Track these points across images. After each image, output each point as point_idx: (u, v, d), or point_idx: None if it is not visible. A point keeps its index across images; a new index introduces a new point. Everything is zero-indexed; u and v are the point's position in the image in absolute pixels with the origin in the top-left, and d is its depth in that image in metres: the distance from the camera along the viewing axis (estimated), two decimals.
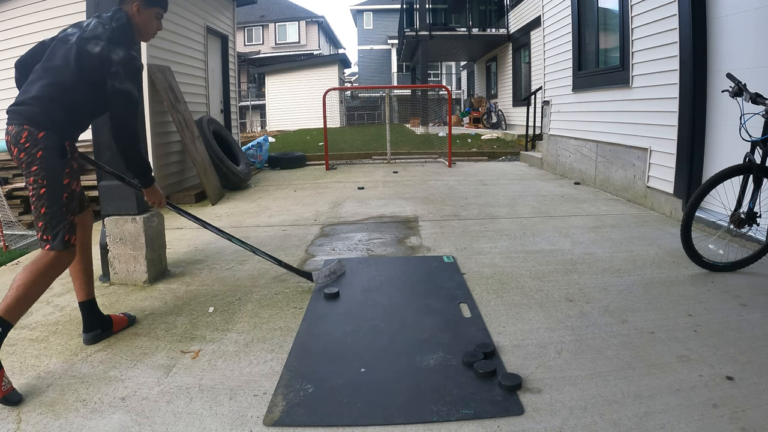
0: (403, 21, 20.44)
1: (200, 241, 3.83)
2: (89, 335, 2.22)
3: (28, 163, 1.92)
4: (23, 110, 1.94)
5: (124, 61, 2.01)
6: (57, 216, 1.95)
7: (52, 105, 1.96)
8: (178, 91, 5.68)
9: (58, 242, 1.95)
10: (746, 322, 2.26)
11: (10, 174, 5.28)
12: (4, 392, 1.76)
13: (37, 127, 1.92)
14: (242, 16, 25.33)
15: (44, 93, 1.96)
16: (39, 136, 1.91)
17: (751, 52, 3.37)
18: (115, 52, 2.00)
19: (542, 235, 3.76)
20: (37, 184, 1.93)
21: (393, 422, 1.62)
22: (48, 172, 1.93)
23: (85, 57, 2.00)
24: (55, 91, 1.97)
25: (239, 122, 10.42)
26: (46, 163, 1.92)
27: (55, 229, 1.95)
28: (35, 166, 1.91)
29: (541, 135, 7.92)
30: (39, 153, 1.91)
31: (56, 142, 1.95)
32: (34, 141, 1.91)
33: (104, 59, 1.99)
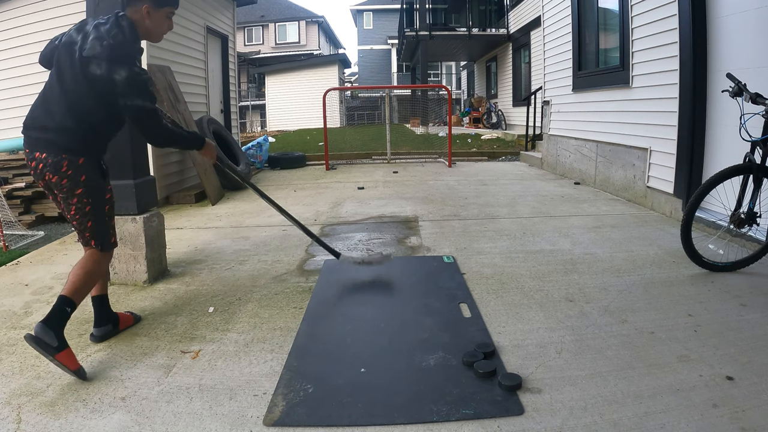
0: (403, 21, 20.42)
1: (200, 241, 3.83)
2: (101, 330, 2.26)
3: (70, 187, 2.03)
4: (55, 139, 1.98)
5: (128, 80, 1.99)
6: (103, 226, 2.14)
7: (81, 131, 2.02)
8: (178, 91, 5.68)
9: (107, 245, 2.17)
10: (746, 322, 2.26)
11: (10, 174, 5.28)
12: (77, 365, 1.91)
13: (75, 154, 2.00)
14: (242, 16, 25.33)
15: (71, 122, 1.99)
16: (80, 162, 2.01)
17: (751, 52, 3.37)
18: (117, 73, 1.97)
19: (542, 235, 3.76)
20: (82, 203, 2.07)
21: (393, 422, 1.62)
22: (93, 193, 2.08)
23: (92, 80, 1.99)
24: (79, 116, 2.01)
25: (239, 122, 10.42)
26: (91, 185, 2.06)
27: (102, 236, 2.14)
28: (80, 189, 2.04)
29: (541, 135, 7.92)
30: (83, 177, 2.03)
31: (95, 164, 2.08)
32: (76, 168, 2.00)
33: (109, 81, 1.98)
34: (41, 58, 2.17)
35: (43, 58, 2.15)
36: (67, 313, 1.95)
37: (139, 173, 2.96)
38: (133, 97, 2.00)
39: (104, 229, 2.14)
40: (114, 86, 1.98)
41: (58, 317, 1.91)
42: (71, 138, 2.00)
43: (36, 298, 2.78)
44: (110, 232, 2.18)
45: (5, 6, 5.69)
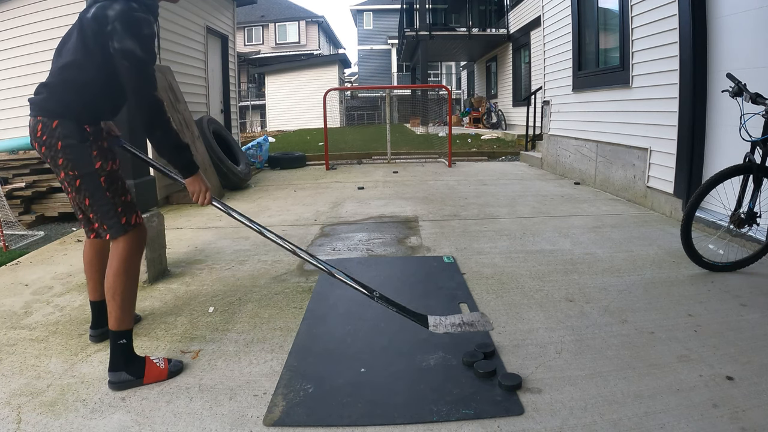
0: (403, 21, 20.43)
1: (200, 241, 3.83)
2: (97, 332, 2.21)
3: (52, 157, 1.81)
4: (36, 100, 1.82)
5: (121, 14, 1.73)
6: (103, 203, 1.85)
7: (62, 89, 1.80)
8: (178, 91, 5.68)
9: (117, 228, 1.87)
10: (746, 322, 2.26)
11: (10, 174, 5.28)
12: (165, 369, 1.88)
13: (49, 116, 1.79)
14: (242, 16, 25.34)
15: (55, 78, 1.82)
16: (53, 125, 1.78)
17: (751, 52, 3.37)
18: (111, 8, 1.75)
19: (542, 235, 3.76)
20: (69, 176, 1.82)
21: (393, 422, 1.62)
22: (75, 161, 1.80)
23: (85, 25, 1.78)
24: (64, 72, 1.81)
25: (239, 122, 10.42)
26: (69, 152, 1.79)
27: (108, 216, 1.86)
28: (60, 158, 1.79)
29: (541, 135, 7.92)
30: (59, 144, 1.78)
31: (73, 128, 1.80)
32: (50, 132, 1.78)
33: (101, 19, 1.75)
34: None
35: None
36: (125, 346, 1.85)
37: (139, 173, 2.96)
38: (123, 36, 1.72)
39: (106, 206, 1.85)
40: (106, 22, 1.74)
41: (120, 355, 1.84)
42: (48, 97, 1.80)
43: (36, 298, 2.78)
44: (119, 210, 1.87)
45: (5, 6, 5.69)
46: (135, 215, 1.93)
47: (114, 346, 1.86)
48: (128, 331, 1.88)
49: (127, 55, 1.74)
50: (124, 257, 1.88)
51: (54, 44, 2.01)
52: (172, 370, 1.91)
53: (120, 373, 1.82)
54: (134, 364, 1.86)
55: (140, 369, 1.85)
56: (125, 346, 1.87)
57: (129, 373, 1.83)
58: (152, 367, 1.87)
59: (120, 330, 1.86)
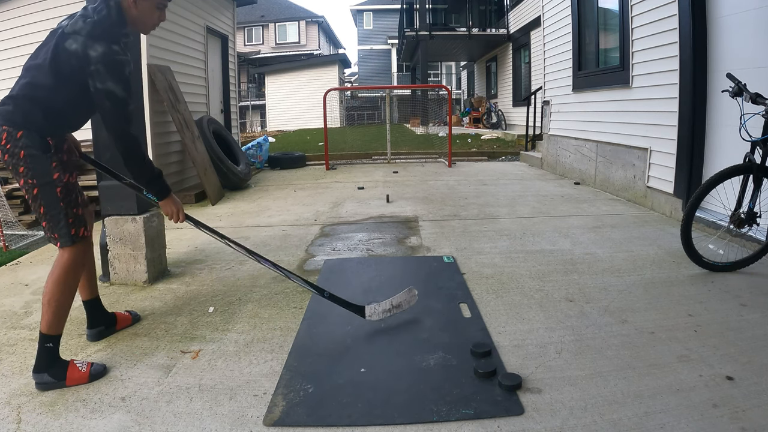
0: (403, 21, 20.43)
1: (200, 241, 3.83)
2: (93, 332, 2.24)
3: (14, 164, 1.89)
4: (3, 110, 1.88)
5: (103, 57, 1.84)
6: (56, 212, 1.92)
7: (29, 105, 1.88)
8: (178, 91, 5.68)
9: (66, 239, 1.94)
10: (746, 322, 2.26)
11: (10, 174, 5.28)
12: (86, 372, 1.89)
13: (15, 126, 1.86)
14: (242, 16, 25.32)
15: (21, 92, 1.88)
16: (18, 135, 1.85)
17: (751, 52, 3.37)
18: (93, 48, 1.84)
19: (542, 235, 3.76)
20: (28, 184, 1.90)
21: (393, 422, 1.62)
22: (34, 170, 1.88)
23: (62, 55, 1.86)
24: (32, 90, 1.88)
25: (239, 122, 10.42)
26: (30, 161, 1.87)
27: (58, 226, 1.93)
28: (21, 167, 1.88)
29: (541, 135, 7.92)
30: (21, 153, 1.86)
31: (36, 140, 1.88)
32: (14, 141, 1.85)
33: (82, 57, 1.84)
34: None
35: None
36: (51, 349, 1.89)
37: None
38: (106, 79, 1.85)
39: (59, 216, 1.92)
40: (88, 63, 1.84)
41: (45, 357, 1.88)
42: (14, 110, 1.86)
43: (36, 298, 2.78)
44: (69, 221, 1.94)
45: (5, 6, 5.70)
46: (83, 228, 2.01)
47: (41, 348, 1.88)
48: (57, 336, 1.91)
49: (110, 96, 1.87)
50: (67, 268, 1.94)
51: None
52: (92, 372, 1.91)
53: (42, 374, 1.86)
54: (56, 367, 1.88)
55: (62, 372, 1.87)
56: (51, 350, 1.89)
57: (51, 376, 1.86)
58: (74, 370, 1.89)
59: (49, 334, 1.89)
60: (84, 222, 2.01)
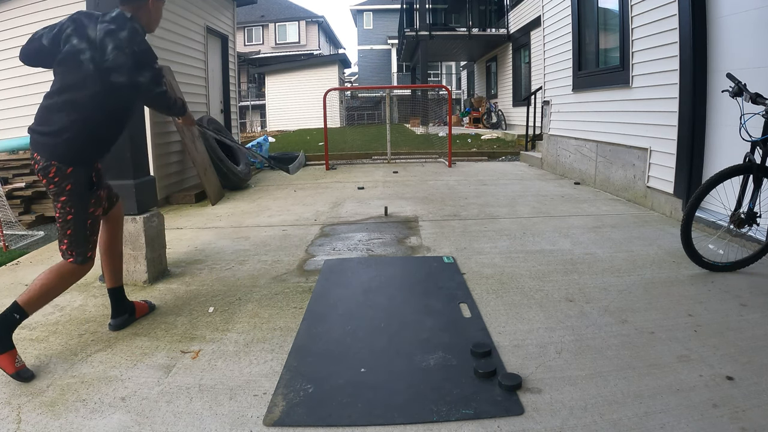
0: (403, 21, 20.43)
1: (200, 241, 3.83)
2: (118, 320, 2.35)
3: (56, 193, 2.03)
4: (48, 144, 1.99)
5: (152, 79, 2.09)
6: (81, 239, 2.10)
7: (81, 142, 2.02)
8: (178, 91, 5.68)
9: (81, 259, 2.11)
10: (746, 322, 2.26)
11: (10, 174, 5.28)
12: (17, 368, 1.91)
13: (64, 162, 2.00)
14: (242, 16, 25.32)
15: (72, 132, 1.99)
16: (68, 171, 2.00)
17: (752, 52, 3.37)
18: (142, 76, 2.05)
19: (542, 235, 3.76)
20: (64, 211, 2.05)
21: (393, 422, 1.62)
22: (75, 204, 2.05)
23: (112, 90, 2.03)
24: (84, 128, 2.01)
25: (239, 122, 10.42)
26: (74, 196, 2.04)
27: (79, 248, 2.09)
28: (64, 197, 2.03)
29: (541, 135, 7.92)
30: (68, 186, 2.02)
31: (84, 175, 2.05)
32: (63, 176, 2.00)
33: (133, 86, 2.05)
34: (23, 56, 2.13)
35: (27, 57, 2.12)
36: (14, 320, 1.95)
37: (139, 173, 2.96)
38: (154, 88, 2.11)
39: (82, 241, 2.10)
40: (138, 88, 2.07)
41: (4, 323, 1.92)
42: (64, 147, 1.99)
43: None
44: (89, 246, 2.13)
45: (5, 6, 5.70)
46: (94, 252, 2.18)
47: (5, 314, 1.93)
48: (27, 314, 1.98)
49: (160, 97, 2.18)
50: (68, 276, 2.10)
51: None
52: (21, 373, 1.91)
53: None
54: (3, 340, 1.91)
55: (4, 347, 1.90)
56: (14, 321, 1.95)
57: None
58: (12, 356, 1.91)
59: (23, 307, 1.96)
60: (95, 247, 2.19)
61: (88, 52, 2.00)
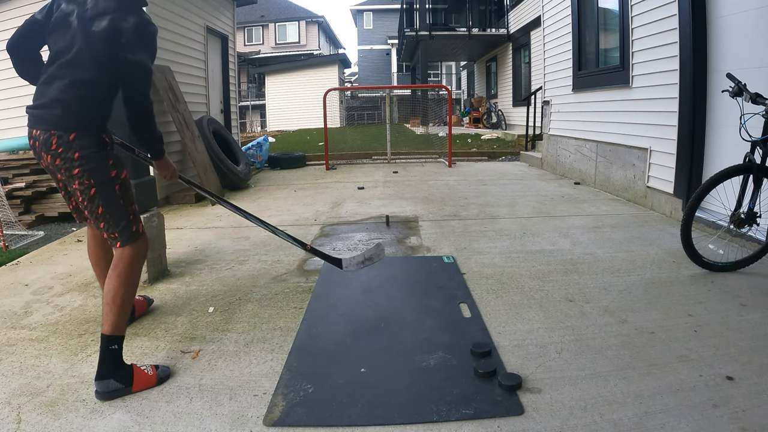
0: (403, 21, 20.44)
1: (200, 241, 3.83)
2: None
3: (67, 168, 1.83)
4: (45, 115, 1.82)
5: (137, 29, 1.83)
6: (116, 211, 1.88)
7: (77, 105, 1.83)
8: (178, 91, 5.68)
9: (127, 236, 1.90)
10: (746, 322, 2.26)
11: (10, 174, 5.28)
12: (153, 377, 1.85)
13: (65, 130, 1.81)
14: (242, 16, 25.32)
15: (66, 95, 1.82)
16: (70, 138, 1.81)
17: (752, 52, 3.37)
18: (125, 20, 1.82)
19: (542, 235, 3.76)
20: (83, 186, 1.84)
21: (393, 422, 1.62)
22: (91, 170, 1.83)
23: (96, 41, 1.80)
24: (78, 89, 1.82)
25: (239, 122, 10.42)
26: (86, 162, 1.82)
27: (119, 225, 1.89)
28: (76, 169, 1.82)
29: (541, 135, 7.92)
30: (76, 155, 1.81)
31: (91, 139, 1.85)
32: (67, 144, 1.81)
33: (114, 31, 1.80)
34: (11, 45, 1.95)
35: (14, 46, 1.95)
36: (115, 352, 1.82)
37: (139, 173, 2.96)
38: (137, 50, 1.83)
39: (120, 214, 1.88)
40: (120, 36, 1.81)
41: (110, 361, 1.80)
42: (62, 113, 1.81)
43: (36, 298, 2.78)
44: (130, 218, 1.91)
45: (5, 6, 5.70)
46: (141, 224, 1.97)
47: (105, 352, 1.80)
48: (121, 337, 1.85)
49: (141, 68, 1.86)
50: (131, 263, 1.90)
51: None
52: (161, 375, 1.88)
53: (108, 381, 1.77)
54: (122, 371, 1.81)
55: (128, 376, 1.81)
56: (116, 352, 1.83)
57: (117, 381, 1.78)
58: (141, 374, 1.84)
59: (114, 335, 1.82)
60: (140, 218, 1.99)
61: (75, 11, 1.83)
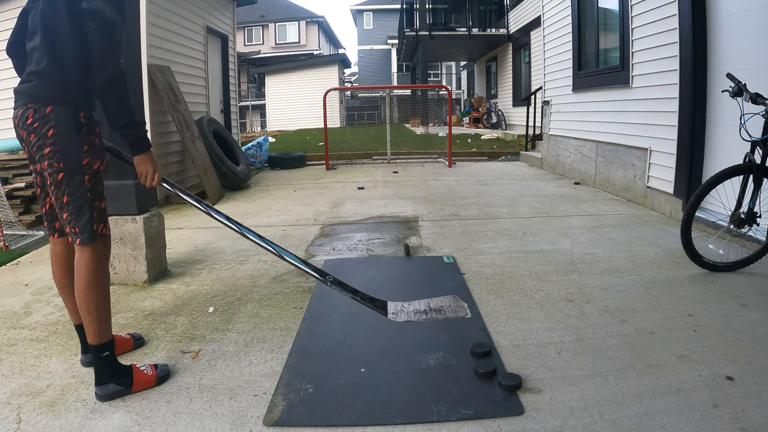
0: (403, 21, 20.44)
1: (200, 241, 3.83)
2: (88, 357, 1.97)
3: (39, 145, 1.67)
4: (23, 89, 1.69)
5: None
6: (81, 204, 1.71)
7: (52, 74, 1.67)
8: (178, 91, 5.68)
9: (87, 235, 1.73)
10: (746, 322, 2.26)
11: (10, 174, 5.28)
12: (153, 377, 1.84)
13: (42, 102, 1.66)
14: (242, 16, 25.33)
15: (40, 65, 1.67)
16: (47, 111, 1.66)
17: (752, 52, 3.37)
18: None
19: (542, 235, 3.76)
20: (52, 168, 1.67)
21: (393, 422, 1.62)
22: (63, 152, 1.67)
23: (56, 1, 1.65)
24: (48, 55, 1.66)
25: (239, 122, 10.42)
26: (59, 141, 1.66)
27: (81, 220, 1.72)
28: (47, 148, 1.66)
29: (541, 135, 7.92)
30: (50, 131, 1.65)
31: (68, 116, 1.68)
32: (42, 119, 1.66)
33: None
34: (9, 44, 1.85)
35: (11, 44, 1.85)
36: (108, 357, 1.77)
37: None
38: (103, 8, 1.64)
39: (83, 206, 1.71)
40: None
41: (105, 368, 1.77)
42: (39, 83, 1.67)
43: (36, 298, 2.78)
44: (94, 215, 1.74)
45: (5, 6, 5.70)
46: (104, 224, 1.81)
47: (98, 360, 1.77)
48: (109, 342, 1.80)
49: (96, 15, 1.64)
50: (93, 267, 1.75)
51: None
52: (160, 375, 1.87)
53: (107, 385, 1.76)
54: (121, 374, 1.80)
55: (128, 378, 1.80)
56: (108, 357, 1.79)
57: (117, 384, 1.78)
58: (140, 374, 1.83)
59: (101, 343, 1.77)
60: (107, 217, 1.82)
61: None
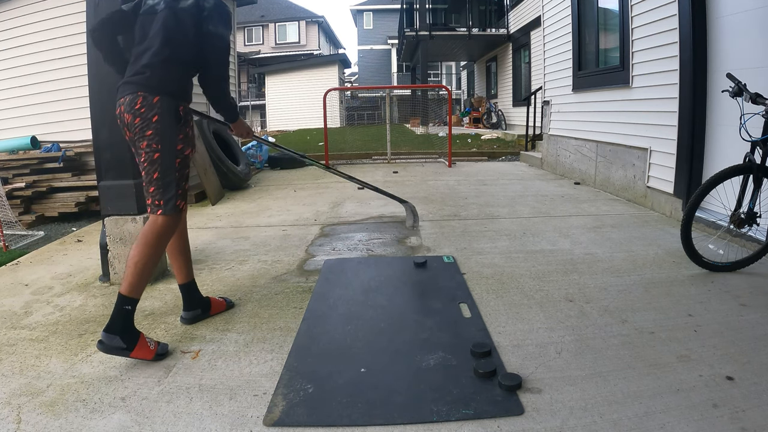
0: (403, 21, 20.44)
1: (200, 241, 3.83)
2: (189, 314, 2.35)
3: (142, 128, 1.99)
4: (135, 80, 2.01)
5: (216, 6, 2.09)
6: (170, 181, 2.04)
7: (162, 70, 2.02)
8: None
9: (170, 207, 2.05)
10: (746, 322, 2.26)
11: (10, 174, 5.28)
12: (153, 351, 1.99)
13: (151, 92, 1.99)
14: (242, 16, 25.36)
15: (154, 60, 2.01)
16: (154, 100, 1.99)
17: (752, 52, 3.37)
18: (206, 1, 2.08)
19: (542, 235, 3.76)
20: (150, 148, 2.00)
21: (393, 422, 1.62)
22: (162, 136, 2.00)
23: (181, 14, 2.05)
24: (164, 56, 2.02)
25: None
26: (161, 127, 2.00)
27: (167, 194, 2.04)
28: (150, 131, 1.99)
29: (541, 135, 7.92)
30: (155, 117, 1.99)
31: (171, 106, 2.03)
32: (150, 105, 1.99)
33: (197, 7, 2.06)
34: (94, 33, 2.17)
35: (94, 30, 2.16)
36: (128, 313, 1.95)
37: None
38: (218, 23, 2.07)
39: (171, 184, 2.04)
40: (201, 10, 2.06)
41: (120, 319, 1.93)
42: (150, 76, 2.00)
43: (36, 298, 2.78)
44: (178, 192, 2.07)
45: (5, 6, 5.70)
46: (185, 202, 2.14)
47: (118, 310, 1.94)
48: (136, 300, 1.98)
49: (221, 39, 2.10)
50: (161, 233, 2.04)
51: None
52: (159, 352, 2.01)
53: (114, 336, 1.91)
54: (130, 333, 1.95)
55: (133, 341, 1.94)
56: (128, 313, 1.95)
57: (122, 340, 1.92)
58: (144, 344, 1.97)
59: (130, 296, 1.95)
60: (186, 197, 2.15)
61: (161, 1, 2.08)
